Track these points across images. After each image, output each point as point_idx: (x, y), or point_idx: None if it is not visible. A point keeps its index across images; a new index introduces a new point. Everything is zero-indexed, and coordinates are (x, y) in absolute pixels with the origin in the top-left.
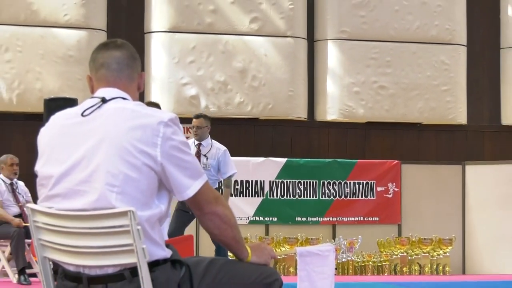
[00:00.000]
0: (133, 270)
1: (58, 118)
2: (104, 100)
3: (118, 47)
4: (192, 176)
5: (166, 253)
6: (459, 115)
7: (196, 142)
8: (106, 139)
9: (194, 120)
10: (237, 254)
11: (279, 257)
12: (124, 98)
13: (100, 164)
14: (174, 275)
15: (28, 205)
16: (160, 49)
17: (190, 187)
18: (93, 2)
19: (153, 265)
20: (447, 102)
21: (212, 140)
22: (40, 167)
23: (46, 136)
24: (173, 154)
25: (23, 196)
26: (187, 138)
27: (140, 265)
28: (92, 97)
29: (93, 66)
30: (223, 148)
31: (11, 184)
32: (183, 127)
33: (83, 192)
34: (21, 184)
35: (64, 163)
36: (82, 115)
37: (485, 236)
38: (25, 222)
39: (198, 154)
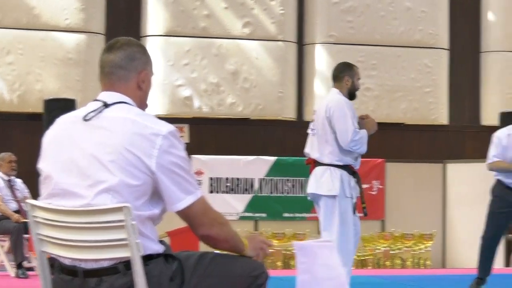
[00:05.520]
0: (127, 264)
1: (62, 120)
2: (106, 105)
3: (116, 49)
4: (185, 190)
5: (159, 247)
6: (441, 115)
7: None
8: (105, 146)
9: None
10: (235, 252)
11: (271, 250)
12: (126, 103)
13: (98, 169)
14: (167, 269)
15: (28, 200)
16: (156, 52)
17: (181, 201)
18: (93, 7)
19: (147, 259)
20: (429, 103)
21: None
22: (42, 166)
23: (49, 137)
24: (167, 167)
25: (20, 192)
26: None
27: (134, 259)
28: (96, 100)
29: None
30: None
31: (9, 180)
32: (177, 127)
33: (80, 194)
34: (18, 181)
35: (63, 165)
36: (84, 119)
37: (464, 231)
38: (23, 218)
39: None
